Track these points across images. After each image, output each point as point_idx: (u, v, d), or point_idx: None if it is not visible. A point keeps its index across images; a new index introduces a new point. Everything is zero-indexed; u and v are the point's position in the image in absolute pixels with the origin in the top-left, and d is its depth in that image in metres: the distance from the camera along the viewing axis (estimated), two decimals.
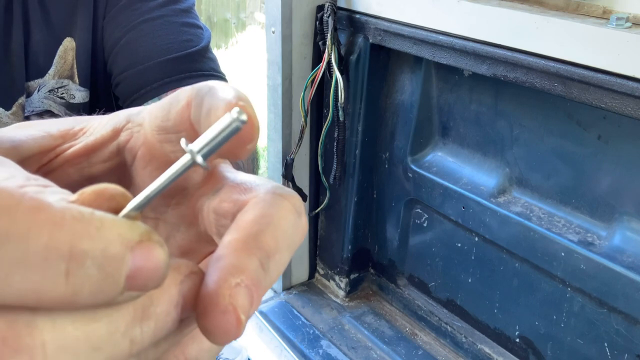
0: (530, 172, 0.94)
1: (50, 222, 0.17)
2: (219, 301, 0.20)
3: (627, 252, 0.82)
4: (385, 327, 1.18)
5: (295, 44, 1.06)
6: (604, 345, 0.87)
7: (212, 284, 0.20)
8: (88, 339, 0.18)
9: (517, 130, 0.93)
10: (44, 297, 0.17)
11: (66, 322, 0.18)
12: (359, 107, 1.10)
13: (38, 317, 0.17)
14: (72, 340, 0.18)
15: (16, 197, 0.17)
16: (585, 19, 0.73)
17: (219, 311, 0.20)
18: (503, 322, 1.03)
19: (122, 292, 0.18)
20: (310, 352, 1.10)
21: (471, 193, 0.99)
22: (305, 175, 1.19)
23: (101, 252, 0.17)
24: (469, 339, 1.09)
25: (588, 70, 0.71)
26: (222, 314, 0.20)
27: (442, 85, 1.02)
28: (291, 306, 1.24)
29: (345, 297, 1.26)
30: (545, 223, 0.91)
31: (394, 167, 1.14)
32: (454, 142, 1.06)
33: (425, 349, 1.12)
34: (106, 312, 0.18)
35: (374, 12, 0.98)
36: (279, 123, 1.12)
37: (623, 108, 0.70)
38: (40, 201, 0.17)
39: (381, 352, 1.11)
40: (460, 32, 0.85)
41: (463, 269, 1.06)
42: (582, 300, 0.88)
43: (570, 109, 0.84)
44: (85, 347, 0.18)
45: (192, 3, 0.79)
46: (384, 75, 1.09)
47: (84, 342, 0.18)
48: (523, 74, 0.79)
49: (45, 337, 0.17)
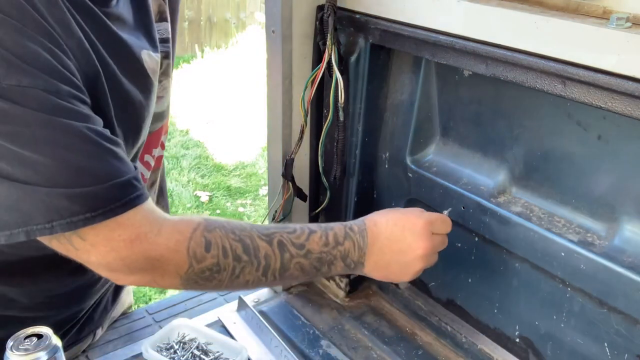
0: (530, 172, 0.94)
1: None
2: None
3: (627, 252, 0.82)
4: (385, 327, 1.18)
5: (295, 44, 1.06)
6: (604, 345, 0.87)
7: None
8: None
9: (517, 130, 0.93)
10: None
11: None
12: (359, 107, 1.10)
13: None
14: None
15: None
16: (585, 19, 0.73)
17: None
18: (503, 322, 1.03)
19: None
20: (310, 352, 1.11)
21: (471, 193, 0.99)
22: (305, 175, 1.19)
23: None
24: (469, 339, 1.09)
25: (588, 70, 0.71)
26: None
27: (442, 85, 1.02)
28: (291, 306, 1.24)
29: (345, 297, 1.26)
30: (545, 223, 0.91)
31: (394, 167, 1.14)
32: (454, 142, 1.06)
33: (425, 349, 1.12)
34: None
35: (374, 12, 0.98)
36: (279, 123, 1.12)
37: (623, 108, 0.70)
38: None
39: (381, 352, 1.11)
40: (460, 32, 0.85)
41: (463, 269, 1.06)
42: (582, 300, 0.88)
43: (570, 109, 0.84)
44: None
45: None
46: (384, 75, 1.09)
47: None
48: (523, 74, 0.79)
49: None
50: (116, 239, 0.76)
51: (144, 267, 0.79)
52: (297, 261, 0.86)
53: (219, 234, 0.82)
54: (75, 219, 0.73)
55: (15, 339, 0.77)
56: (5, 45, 0.69)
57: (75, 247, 0.77)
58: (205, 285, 0.84)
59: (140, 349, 1.07)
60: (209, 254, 0.81)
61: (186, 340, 1.09)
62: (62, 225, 0.73)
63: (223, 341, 1.09)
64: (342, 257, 0.90)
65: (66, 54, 0.75)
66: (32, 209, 0.72)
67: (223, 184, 3.75)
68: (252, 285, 0.86)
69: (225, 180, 3.80)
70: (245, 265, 0.83)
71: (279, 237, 0.86)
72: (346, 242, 0.90)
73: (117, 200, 0.76)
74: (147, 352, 1.04)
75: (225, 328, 1.17)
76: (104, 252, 0.77)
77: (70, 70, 0.75)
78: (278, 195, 1.18)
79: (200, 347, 1.07)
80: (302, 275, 0.89)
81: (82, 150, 0.74)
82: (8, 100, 0.69)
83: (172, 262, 0.80)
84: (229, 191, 3.70)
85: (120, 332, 1.18)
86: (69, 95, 0.74)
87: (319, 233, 0.89)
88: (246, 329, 1.17)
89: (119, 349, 1.13)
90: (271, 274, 0.85)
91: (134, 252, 0.78)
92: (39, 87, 0.70)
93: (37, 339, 0.77)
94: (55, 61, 0.73)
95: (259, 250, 0.84)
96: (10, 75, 0.69)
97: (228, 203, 3.58)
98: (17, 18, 0.70)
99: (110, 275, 0.81)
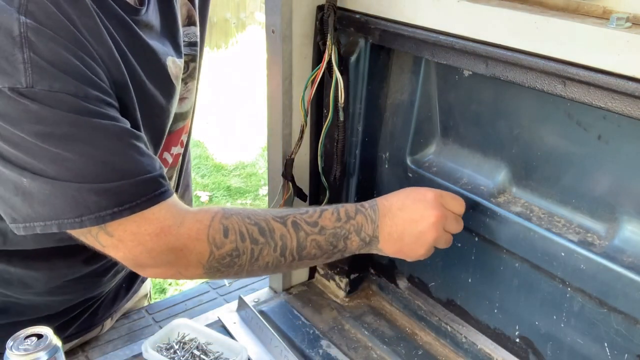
0: (530, 172, 0.94)
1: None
2: None
3: (627, 252, 0.82)
4: (385, 327, 1.18)
5: (295, 44, 1.06)
6: (604, 345, 0.87)
7: None
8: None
9: (517, 130, 0.93)
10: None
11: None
12: (359, 107, 1.10)
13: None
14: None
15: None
16: (585, 19, 0.73)
17: None
18: (503, 322, 1.03)
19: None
20: (310, 352, 1.11)
21: (471, 193, 0.99)
22: (305, 175, 1.19)
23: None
24: (469, 339, 1.09)
25: (588, 70, 0.71)
26: None
27: (442, 85, 1.02)
28: (291, 306, 1.24)
29: (345, 297, 1.26)
30: (545, 223, 0.91)
31: (394, 167, 1.14)
32: (454, 142, 1.06)
33: (425, 349, 1.12)
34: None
35: (374, 12, 0.98)
36: (279, 123, 1.12)
37: (623, 108, 0.70)
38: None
39: (381, 352, 1.11)
40: (460, 32, 0.85)
41: (463, 269, 1.06)
42: (582, 300, 0.88)
43: (570, 109, 0.84)
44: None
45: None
46: (384, 75, 1.09)
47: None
48: (523, 74, 0.79)
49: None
50: (142, 233, 0.81)
51: (169, 260, 0.83)
52: (313, 238, 0.89)
53: (235, 219, 0.86)
54: (103, 213, 0.78)
55: (15, 339, 0.77)
56: (40, 53, 0.74)
57: (103, 243, 0.82)
58: (227, 272, 0.88)
59: (140, 349, 1.07)
60: (228, 239, 0.85)
61: (186, 340, 1.09)
62: (90, 220, 0.78)
63: (223, 341, 1.09)
64: (356, 231, 0.92)
65: (96, 61, 0.80)
66: (64, 204, 0.77)
67: (223, 184, 3.75)
68: (272, 267, 0.89)
69: (225, 180, 3.80)
70: (263, 247, 0.87)
71: (292, 218, 0.89)
72: (358, 216, 0.92)
73: (143, 195, 0.80)
74: (147, 352, 1.04)
75: (225, 328, 1.17)
76: (130, 246, 0.81)
77: (99, 77, 0.80)
78: (278, 195, 1.18)
79: (200, 347, 1.07)
80: (320, 253, 0.91)
81: (108, 147, 0.79)
82: (40, 102, 0.74)
83: (194, 251, 0.83)
84: (229, 191, 3.70)
85: (120, 332, 1.18)
86: (96, 99, 0.79)
87: (330, 210, 0.92)
88: (246, 329, 1.17)
89: (119, 349, 1.13)
90: (289, 253, 0.88)
91: (160, 245, 0.82)
92: (69, 92, 0.75)
93: (37, 339, 0.78)
94: (85, 68, 0.78)
95: (274, 231, 0.87)
96: (43, 81, 0.74)
97: (228, 203, 3.58)
98: (51, 27, 0.76)
99: (137, 269, 0.86)
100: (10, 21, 0.73)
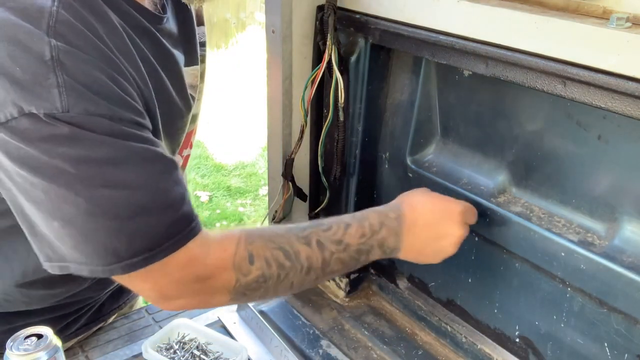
0: (530, 172, 0.94)
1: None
2: None
3: (627, 252, 0.82)
4: (385, 327, 1.18)
5: (295, 44, 1.06)
6: (604, 345, 0.87)
7: None
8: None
9: (517, 130, 0.93)
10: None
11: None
12: (359, 107, 1.10)
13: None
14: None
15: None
16: (585, 19, 0.73)
17: None
18: (503, 322, 1.03)
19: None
20: (310, 352, 1.11)
21: (471, 193, 0.99)
22: (305, 175, 1.19)
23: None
24: (469, 339, 1.09)
25: (588, 70, 0.71)
26: None
27: (442, 85, 1.02)
28: (291, 306, 1.24)
29: (345, 297, 1.26)
30: (545, 223, 0.91)
31: (394, 167, 1.14)
32: (454, 142, 1.06)
33: (425, 349, 1.12)
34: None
35: (374, 12, 0.98)
36: (279, 123, 1.12)
37: (623, 108, 0.70)
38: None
39: (381, 352, 1.11)
40: (460, 32, 0.85)
41: (463, 269, 1.06)
42: (582, 300, 0.88)
43: (570, 109, 0.84)
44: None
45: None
46: (384, 75, 1.09)
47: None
48: (523, 74, 0.79)
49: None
50: (170, 265, 0.78)
51: (194, 290, 0.81)
52: (337, 256, 0.88)
53: (259, 244, 0.83)
54: (135, 260, 0.75)
55: (15, 339, 0.77)
56: (73, 76, 0.72)
57: (129, 277, 0.78)
58: (253, 296, 0.86)
59: (140, 349, 1.07)
60: (254, 266, 0.82)
61: (186, 340, 1.09)
62: (122, 268, 0.75)
63: (223, 341, 1.09)
64: (379, 245, 0.91)
65: (128, 81, 0.78)
66: (93, 253, 0.75)
67: (223, 184, 3.75)
68: (296, 286, 0.88)
69: (225, 180, 3.80)
70: (289, 271, 0.85)
71: (317, 237, 0.87)
72: (383, 230, 0.91)
73: (176, 235, 0.77)
74: (147, 352, 1.04)
75: (225, 328, 1.17)
76: (157, 277, 0.79)
77: (132, 97, 0.78)
78: (278, 195, 1.18)
79: (200, 347, 1.07)
80: (343, 268, 0.91)
81: (143, 174, 0.76)
82: (77, 126, 0.72)
83: (220, 280, 0.81)
84: (229, 191, 3.70)
85: (120, 332, 1.18)
86: (130, 122, 0.76)
87: (355, 226, 0.90)
88: (246, 329, 1.17)
89: (119, 349, 1.13)
90: (314, 272, 0.87)
91: (187, 275, 0.79)
92: (105, 115, 0.73)
93: (37, 339, 0.78)
94: (119, 89, 0.76)
95: (300, 254, 0.85)
96: (78, 105, 0.72)
97: (228, 203, 3.58)
98: (82, 48, 0.73)
99: (161, 301, 0.83)
100: (41, 45, 0.71)
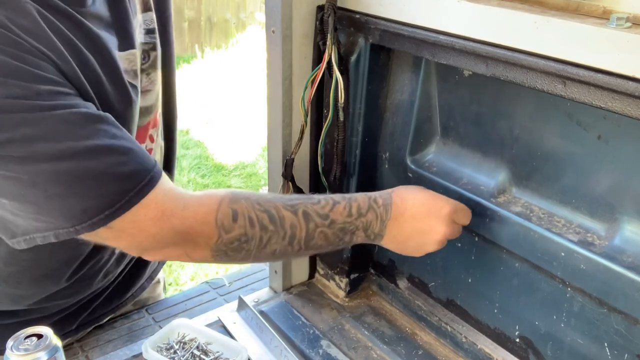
0: (530, 172, 0.94)
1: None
2: None
3: (627, 252, 0.82)
4: (385, 327, 1.18)
5: (295, 44, 1.06)
6: (604, 345, 0.87)
7: None
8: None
9: (517, 130, 0.93)
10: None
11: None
12: (359, 107, 1.10)
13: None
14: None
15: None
16: (585, 19, 0.73)
17: None
18: (503, 322, 1.03)
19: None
20: (310, 352, 1.11)
21: (471, 193, 0.99)
22: (305, 175, 1.19)
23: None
24: (469, 339, 1.09)
25: (588, 70, 0.71)
26: None
27: (442, 85, 1.02)
28: (291, 306, 1.24)
29: (345, 297, 1.26)
30: (545, 223, 0.91)
31: (394, 167, 1.14)
32: (454, 142, 1.06)
33: (425, 349, 1.12)
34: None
35: (374, 12, 0.98)
36: (279, 123, 1.12)
37: (623, 108, 0.70)
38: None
39: (381, 352, 1.11)
40: (460, 32, 0.85)
41: (463, 269, 1.06)
42: (582, 300, 0.88)
43: (570, 109, 0.84)
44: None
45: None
46: (384, 75, 1.09)
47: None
48: (523, 74, 0.79)
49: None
50: (142, 220, 0.79)
51: (174, 241, 0.82)
52: (321, 230, 0.89)
53: (244, 204, 0.85)
54: (95, 219, 0.76)
55: (15, 339, 0.77)
56: None
57: (104, 237, 0.81)
58: (235, 257, 0.87)
59: (140, 349, 1.07)
60: (236, 224, 0.84)
61: (186, 340, 1.09)
62: (85, 227, 0.76)
63: (223, 341, 1.09)
64: (364, 227, 0.92)
65: (40, 57, 0.76)
66: (53, 219, 0.76)
67: (223, 184, 3.75)
68: (279, 255, 0.89)
69: (225, 180, 3.80)
70: (272, 235, 0.86)
71: (304, 208, 0.88)
72: (369, 213, 0.92)
73: (131, 189, 0.77)
74: (147, 352, 1.04)
75: (225, 328, 1.17)
76: (132, 233, 0.80)
77: (45, 70, 0.76)
78: None
79: (200, 347, 1.07)
80: (326, 244, 0.91)
81: (74, 138, 0.75)
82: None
83: (201, 234, 0.82)
84: None
85: (120, 332, 1.18)
86: (49, 93, 0.75)
87: (343, 204, 0.91)
88: (246, 329, 1.17)
89: (119, 349, 1.13)
90: (297, 243, 0.88)
91: (163, 228, 0.80)
92: (17, 96, 0.72)
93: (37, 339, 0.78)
94: (29, 66, 0.74)
95: (285, 220, 0.86)
96: None
97: None
98: None
99: (143, 254, 0.85)
100: None
